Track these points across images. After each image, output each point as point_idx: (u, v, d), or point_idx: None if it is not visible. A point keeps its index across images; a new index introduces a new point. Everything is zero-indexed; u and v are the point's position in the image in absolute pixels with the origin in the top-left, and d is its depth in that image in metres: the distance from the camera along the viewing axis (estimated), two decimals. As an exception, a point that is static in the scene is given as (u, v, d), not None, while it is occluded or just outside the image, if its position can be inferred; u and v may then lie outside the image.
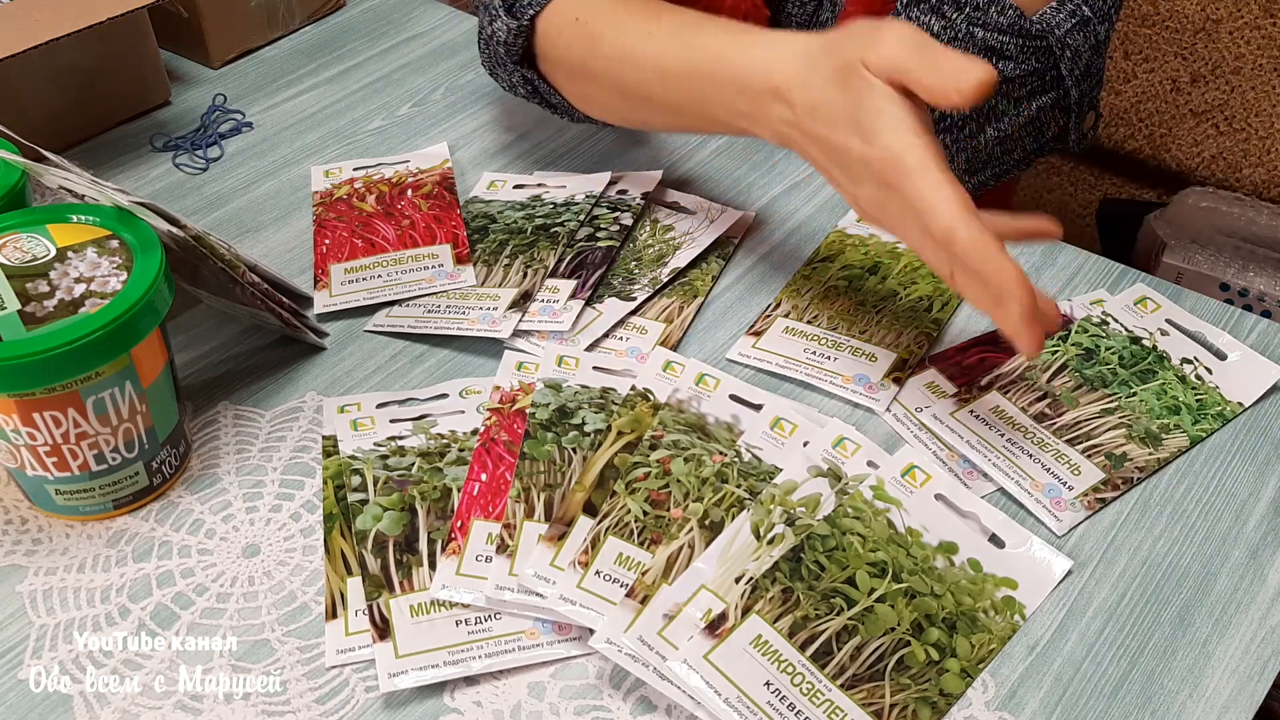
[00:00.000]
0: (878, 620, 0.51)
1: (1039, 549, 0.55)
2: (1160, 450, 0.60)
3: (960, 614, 0.52)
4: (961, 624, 0.52)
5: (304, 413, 0.63)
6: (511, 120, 0.86)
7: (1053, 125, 0.72)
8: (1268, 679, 0.51)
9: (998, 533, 0.56)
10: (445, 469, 0.59)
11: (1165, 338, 0.66)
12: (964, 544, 0.55)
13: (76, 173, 0.59)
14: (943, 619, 0.52)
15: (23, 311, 0.52)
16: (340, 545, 0.56)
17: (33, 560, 0.56)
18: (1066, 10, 0.67)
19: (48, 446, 0.54)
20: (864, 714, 0.48)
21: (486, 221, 0.75)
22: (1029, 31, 0.67)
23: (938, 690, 0.50)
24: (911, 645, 0.51)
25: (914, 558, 0.54)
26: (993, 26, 0.67)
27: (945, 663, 0.50)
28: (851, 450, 0.59)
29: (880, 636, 0.51)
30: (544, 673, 0.51)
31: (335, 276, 0.71)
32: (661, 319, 0.68)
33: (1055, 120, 0.72)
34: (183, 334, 0.68)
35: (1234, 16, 1.34)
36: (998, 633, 0.52)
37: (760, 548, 0.54)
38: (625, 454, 0.59)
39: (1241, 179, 1.44)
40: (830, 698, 0.48)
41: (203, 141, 0.84)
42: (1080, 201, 1.59)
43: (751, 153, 0.82)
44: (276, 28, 0.96)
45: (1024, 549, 0.55)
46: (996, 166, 0.73)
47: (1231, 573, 0.55)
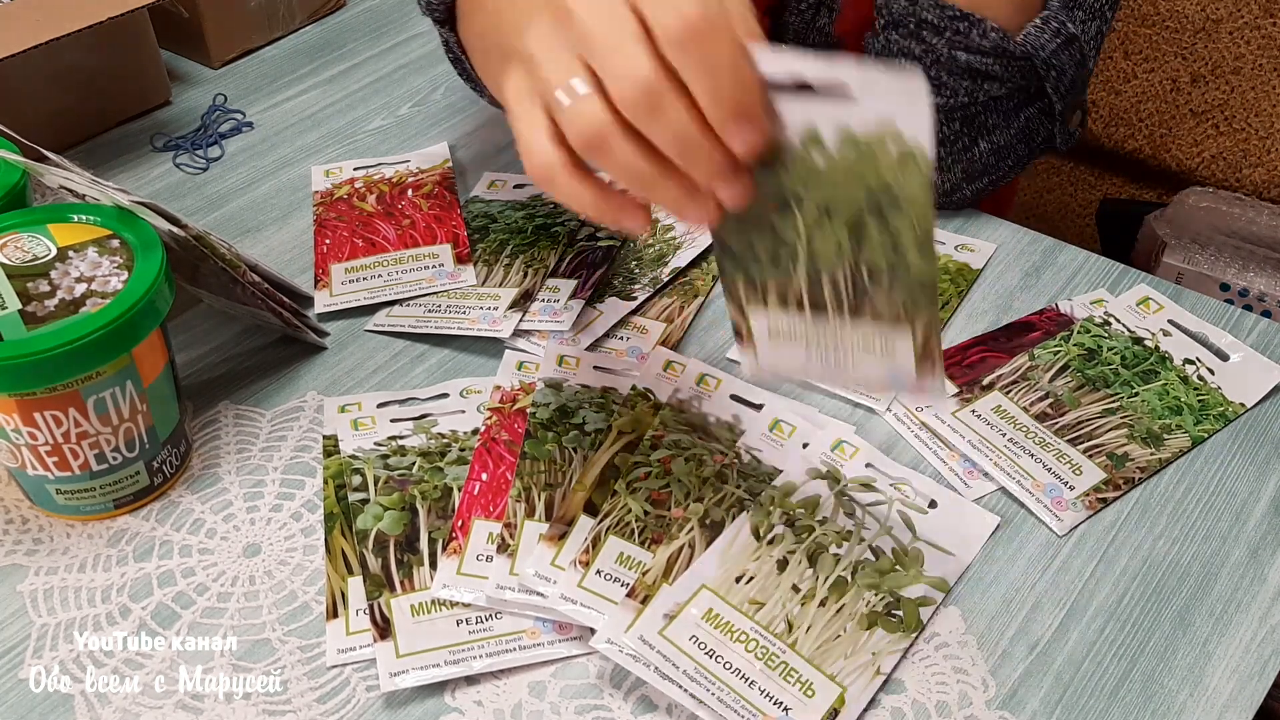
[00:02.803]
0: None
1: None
2: (1162, 450, 0.60)
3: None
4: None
5: (305, 412, 0.63)
6: (512, 120, 0.86)
7: (1041, 131, 0.72)
8: (1268, 678, 0.51)
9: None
10: (446, 468, 0.59)
11: (1167, 338, 0.66)
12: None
13: (77, 172, 0.59)
14: None
15: (23, 311, 0.52)
16: (341, 545, 0.56)
17: (33, 560, 0.56)
18: (1051, 29, 0.67)
19: (48, 446, 0.54)
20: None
21: (487, 221, 0.75)
22: (1013, 54, 0.67)
23: None
24: None
25: None
26: (975, 49, 0.67)
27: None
28: (850, 453, 0.59)
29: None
30: (545, 672, 0.51)
31: (336, 276, 0.71)
32: (662, 319, 0.68)
33: (1044, 126, 0.72)
34: (183, 334, 0.68)
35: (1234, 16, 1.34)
36: None
37: (760, 548, 0.54)
38: (626, 454, 0.59)
39: (1241, 179, 1.44)
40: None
41: (203, 141, 0.84)
42: (1080, 201, 1.59)
43: (752, 152, 0.82)
44: (276, 28, 0.96)
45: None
46: (993, 174, 0.73)
47: (1232, 572, 0.55)
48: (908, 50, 0.69)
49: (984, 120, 0.70)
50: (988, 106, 0.69)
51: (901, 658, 0.51)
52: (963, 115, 0.70)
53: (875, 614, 0.52)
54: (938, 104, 0.70)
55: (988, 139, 0.71)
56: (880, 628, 0.52)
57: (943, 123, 0.70)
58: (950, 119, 0.70)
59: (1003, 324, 0.68)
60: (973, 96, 0.69)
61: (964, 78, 0.68)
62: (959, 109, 0.69)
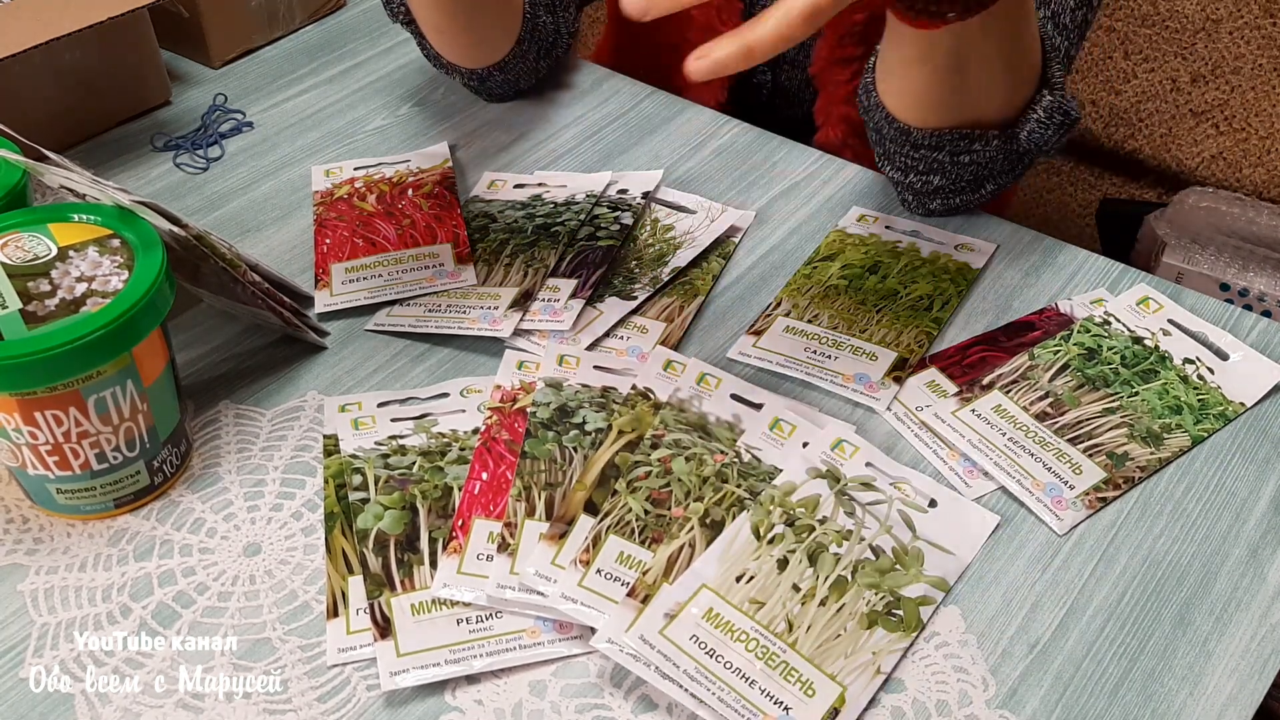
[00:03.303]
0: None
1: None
2: (1162, 450, 0.60)
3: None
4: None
5: (305, 412, 0.63)
6: (512, 120, 0.86)
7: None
8: (1268, 677, 0.51)
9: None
10: (446, 468, 0.59)
11: (1167, 338, 0.66)
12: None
13: (77, 172, 0.59)
14: None
15: (24, 310, 0.52)
16: (341, 544, 0.56)
17: (34, 559, 0.56)
18: (1054, 123, 0.67)
19: (49, 445, 0.54)
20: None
21: (487, 221, 0.75)
22: (1018, 152, 0.69)
23: None
24: None
25: None
26: (979, 156, 0.69)
27: None
28: (850, 452, 0.59)
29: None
30: (545, 671, 0.51)
31: (336, 276, 0.71)
32: (662, 318, 0.68)
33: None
34: (184, 333, 0.68)
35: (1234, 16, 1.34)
36: None
37: (760, 547, 0.54)
38: (626, 453, 0.59)
39: (1241, 179, 1.44)
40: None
41: (203, 141, 0.84)
42: (1080, 201, 1.59)
43: (751, 153, 0.82)
44: (277, 27, 0.96)
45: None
46: (995, 184, 0.73)
47: (1232, 571, 0.55)
48: (910, 165, 0.70)
49: (988, 175, 0.71)
50: (991, 169, 0.70)
51: (901, 657, 0.51)
52: (970, 176, 0.71)
53: (875, 613, 0.52)
54: (941, 185, 0.72)
55: (994, 183, 0.72)
56: (880, 627, 0.52)
57: (950, 183, 0.72)
58: (957, 183, 0.72)
59: (1003, 324, 0.68)
60: (976, 174, 0.71)
61: (968, 167, 0.70)
62: (965, 177, 0.71)
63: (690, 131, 0.84)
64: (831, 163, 0.81)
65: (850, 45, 0.83)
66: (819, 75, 0.86)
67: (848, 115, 0.86)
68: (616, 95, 0.88)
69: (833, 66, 0.85)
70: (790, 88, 0.94)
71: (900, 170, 0.72)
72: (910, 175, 0.72)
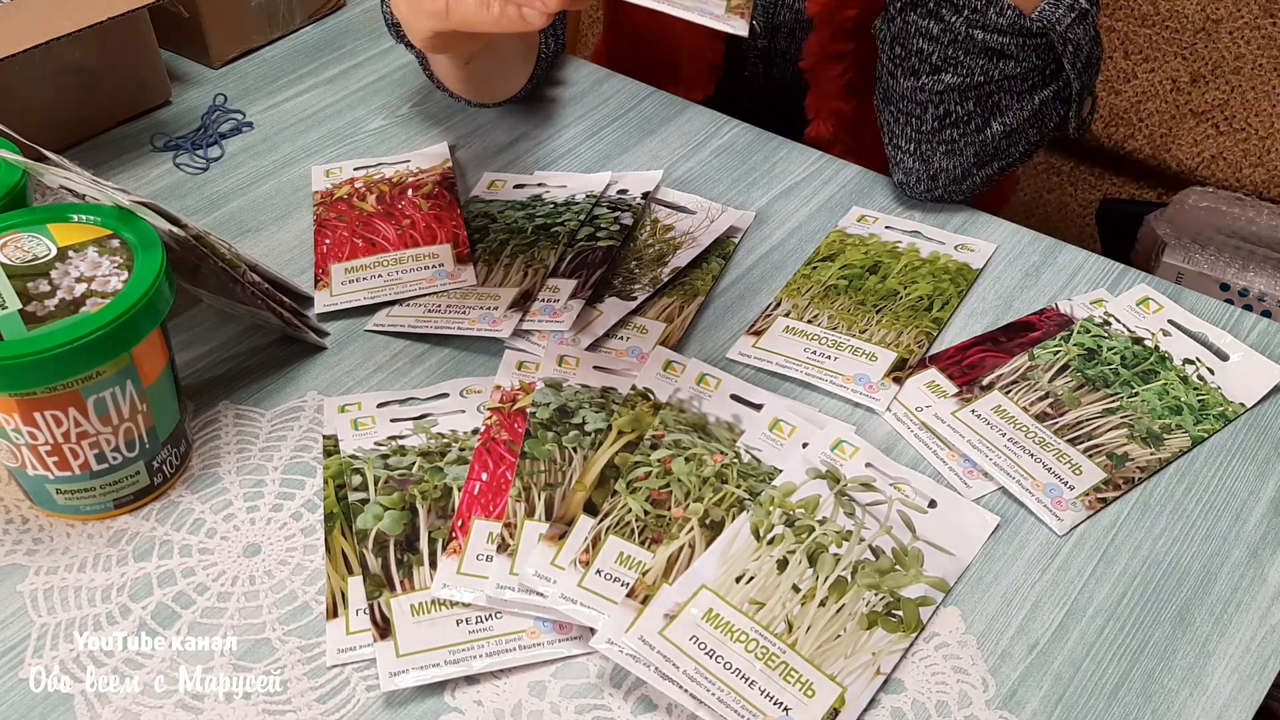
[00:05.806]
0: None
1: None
2: (1162, 450, 0.60)
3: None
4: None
5: (305, 412, 0.63)
6: (511, 120, 0.86)
7: (1054, 115, 0.73)
8: (1268, 678, 0.51)
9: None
10: (446, 468, 0.59)
11: (1167, 338, 0.66)
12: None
13: (77, 172, 0.59)
14: None
15: (24, 311, 0.52)
16: (341, 544, 0.56)
17: (33, 559, 0.56)
18: (1065, 5, 0.68)
19: (49, 446, 0.54)
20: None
21: (487, 221, 0.75)
22: (1029, 30, 0.67)
23: None
24: None
25: None
26: (992, 28, 0.67)
27: None
28: (850, 452, 0.59)
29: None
30: (545, 672, 0.51)
31: (336, 276, 0.71)
32: (662, 318, 0.68)
33: (1056, 110, 0.72)
34: (183, 333, 0.68)
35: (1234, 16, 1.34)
36: None
37: (760, 548, 0.54)
38: (626, 453, 0.59)
39: (1241, 179, 1.44)
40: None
41: (203, 141, 0.84)
42: (1080, 201, 1.59)
43: (751, 153, 0.82)
44: (277, 28, 0.96)
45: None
46: (1003, 159, 0.74)
47: (1232, 572, 0.55)
48: (925, 30, 0.69)
49: (998, 100, 0.70)
50: (1002, 86, 0.70)
51: (901, 658, 0.51)
52: (977, 95, 0.70)
53: (875, 614, 0.52)
54: (953, 83, 0.70)
55: (1000, 120, 0.71)
56: (880, 627, 0.52)
57: (957, 101, 0.71)
58: (965, 98, 0.71)
59: (1003, 324, 0.68)
60: (988, 75, 0.70)
61: (980, 56, 0.69)
62: (974, 88, 0.70)
63: (690, 132, 0.84)
64: (832, 163, 0.81)
65: (842, 41, 0.84)
66: (810, 70, 0.86)
67: (839, 110, 0.87)
68: (616, 95, 0.88)
69: (824, 62, 0.85)
70: (781, 82, 0.94)
71: (911, 74, 0.71)
72: (922, 77, 0.71)
